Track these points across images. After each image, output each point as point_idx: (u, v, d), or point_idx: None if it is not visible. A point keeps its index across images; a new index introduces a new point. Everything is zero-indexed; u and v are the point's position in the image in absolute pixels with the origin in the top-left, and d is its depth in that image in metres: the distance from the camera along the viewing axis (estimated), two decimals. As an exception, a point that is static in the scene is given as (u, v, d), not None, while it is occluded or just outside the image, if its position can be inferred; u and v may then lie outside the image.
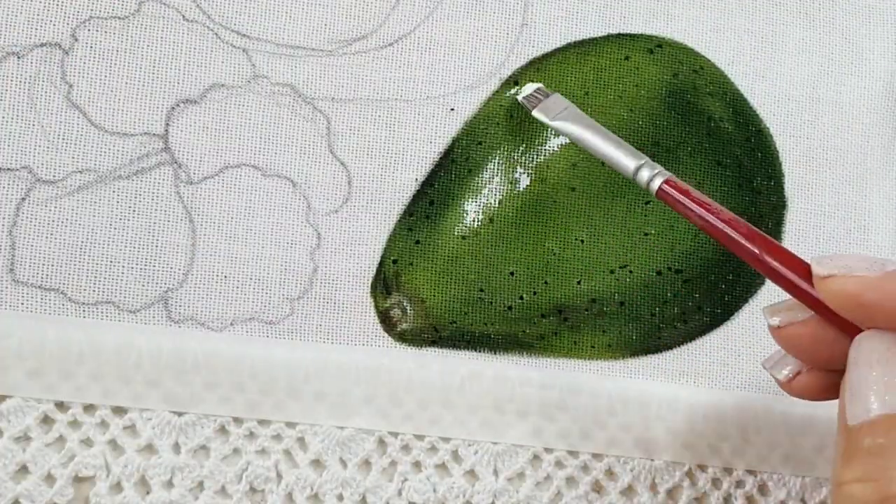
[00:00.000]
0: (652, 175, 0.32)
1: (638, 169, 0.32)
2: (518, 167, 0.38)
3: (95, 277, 0.35)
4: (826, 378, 0.28)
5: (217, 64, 0.37)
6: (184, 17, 0.37)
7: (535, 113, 0.36)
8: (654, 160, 0.39)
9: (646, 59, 0.40)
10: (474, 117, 0.38)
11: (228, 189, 0.36)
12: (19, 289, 0.34)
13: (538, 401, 0.37)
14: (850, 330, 0.26)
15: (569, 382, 0.37)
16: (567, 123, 0.35)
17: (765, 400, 0.38)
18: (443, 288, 0.37)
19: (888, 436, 0.23)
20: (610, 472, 0.37)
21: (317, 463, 0.35)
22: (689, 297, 0.39)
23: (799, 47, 0.41)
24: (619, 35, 0.40)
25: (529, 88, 0.37)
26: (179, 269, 0.36)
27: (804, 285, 0.27)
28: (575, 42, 0.39)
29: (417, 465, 0.36)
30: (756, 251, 0.28)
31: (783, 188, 0.40)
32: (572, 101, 0.38)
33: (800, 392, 0.29)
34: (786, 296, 0.28)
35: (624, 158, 0.33)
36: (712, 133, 0.40)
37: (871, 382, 0.25)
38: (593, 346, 0.38)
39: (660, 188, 0.31)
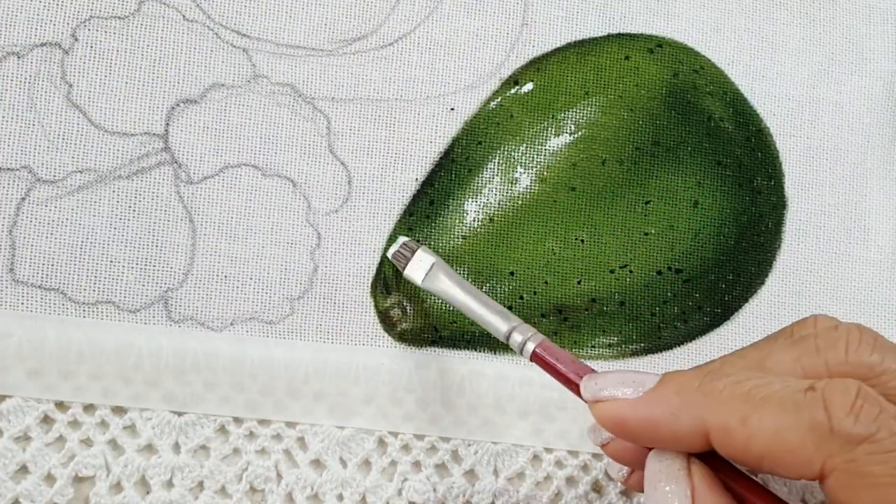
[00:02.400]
0: (525, 338, 0.31)
1: (510, 332, 0.32)
2: (518, 167, 0.38)
3: (95, 277, 0.35)
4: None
5: (217, 64, 0.37)
6: (184, 16, 0.37)
7: (405, 274, 0.35)
8: (653, 160, 0.39)
9: (646, 58, 0.40)
10: (474, 117, 0.38)
11: (228, 189, 0.36)
12: (19, 289, 0.34)
13: (538, 401, 0.36)
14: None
15: (569, 382, 0.37)
16: (437, 285, 0.34)
17: (765, 400, 0.38)
18: (443, 288, 0.37)
19: None
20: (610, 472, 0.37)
21: (317, 463, 0.35)
22: (689, 297, 0.39)
23: (799, 47, 0.41)
24: (619, 35, 0.40)
25: (397, 244, 0.35)
26: (179, 269, 0.36)
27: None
28: (575, 42, 0.39)
29: (417, 465, 0.36)
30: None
31: (783, 188, 0.40)
32: (572, 101, 0.38)
33: (634, 488, 0.32)
34: None
35: (496, 321, 0.32)
36: (712, 133, 0.40)
37: (661, 499, 0.27)
38: (593, 346, 0.38)
39: (533, 352, 0.31)
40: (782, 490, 0.38)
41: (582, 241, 0.38)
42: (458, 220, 0.38)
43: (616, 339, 0.38)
